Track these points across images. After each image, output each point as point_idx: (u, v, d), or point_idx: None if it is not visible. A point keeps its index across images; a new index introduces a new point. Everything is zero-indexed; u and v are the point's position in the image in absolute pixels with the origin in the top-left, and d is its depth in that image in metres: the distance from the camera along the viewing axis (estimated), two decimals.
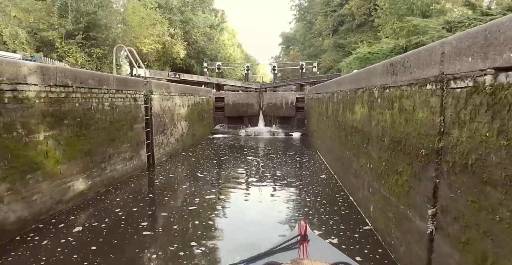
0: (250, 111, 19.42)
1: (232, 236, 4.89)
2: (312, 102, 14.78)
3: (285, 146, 14.25)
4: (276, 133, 17.38)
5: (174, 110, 11.65)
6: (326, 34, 40.27)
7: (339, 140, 7.63)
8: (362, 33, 34.48)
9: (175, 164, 10.18)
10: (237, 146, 14.30)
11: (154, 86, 9.83)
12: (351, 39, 33.39)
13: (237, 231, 5.06)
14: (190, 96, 13.79)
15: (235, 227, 5.26)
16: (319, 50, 43.23)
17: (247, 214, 5.83)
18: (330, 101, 9.21)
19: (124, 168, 7.92)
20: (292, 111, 18.73)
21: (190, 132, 13.63)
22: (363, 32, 34.78)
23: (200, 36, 36.35)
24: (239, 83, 19.33)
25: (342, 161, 7.20)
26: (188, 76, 18.08)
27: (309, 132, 15.66)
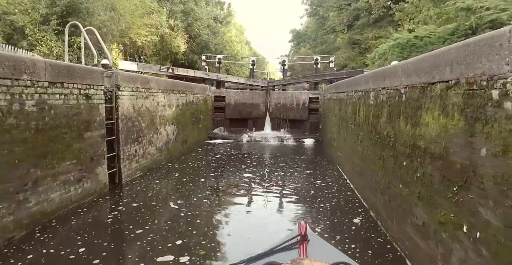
0: (255, 112, 17.00)
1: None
2: (329, 103, 12.30)
3: (296, 157, 11.79)
4: (285, 139, 14.92)
5: (155, 111, 9.28)
6: (340, 29, 37.80)
7: (380, 163, 5.17)
8: (380, 28, 31.94)
9: (152, 182, 7.80)
10: (237, 156, 11.88)
11: (123, 80, 7.46)
12: (368, 34, 30.96)
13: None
14: (181, 94, 11.41)
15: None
16: (332, 47, 40.68)
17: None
18: (361, 103, 6.74)
19: (65, 196, 5.55)
20: (304, 113, 16.26)
21: (179, 138, 11.25)
22: (381, 27, 32.24)
23: (203, 29, 34.04)
24: (242, 79, 16.96)
25: (389, 197, 4.74)
26: (183, 70, 15.77)
27: (325, 139, 13.18)
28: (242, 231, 5.10)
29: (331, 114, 11.72)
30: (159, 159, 9.52)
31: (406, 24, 23.00)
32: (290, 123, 16.79)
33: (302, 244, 2.12)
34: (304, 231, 2.18)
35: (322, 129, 14.28)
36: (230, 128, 16.57)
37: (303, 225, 2.22)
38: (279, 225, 5.27)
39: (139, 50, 26.66)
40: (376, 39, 26.37)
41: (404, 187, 4.17)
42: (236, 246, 4.60)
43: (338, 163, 9.49)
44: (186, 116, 11.99)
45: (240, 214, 5.96)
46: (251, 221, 5.60)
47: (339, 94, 9.90)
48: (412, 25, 20.67)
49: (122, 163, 7.42)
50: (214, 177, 8.79)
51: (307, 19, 53.82)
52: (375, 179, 5.48)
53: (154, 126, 9.18)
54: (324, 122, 13.82)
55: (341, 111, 9.32)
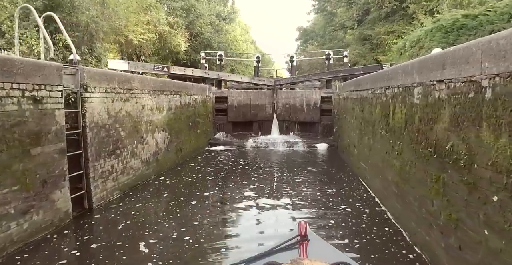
0: (261, 114, 15.50)
1: None
2: (346, 103, 10.75)
3: (310, 166, 10.25)
4: (295, 144, 13.38)
5: (140, 116, 7.82)
6: (349, 25, 36.26)
7: (438, 188, 3.62)
8: (393, 22, 30.43)
9: (135, 205, 6.35)
10: (241, 166, 10.37)
11: (92, 78, 6.01)
12: (379, 29, 29.44)
13: None
14: (173, 96, 9.95)
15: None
16: (342, 44, 39.16)
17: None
18: (398, 103, 5.20)
19: (1, 237, 4.10)
20: (316, 114, 14.71)
21: (172, 146, 9.79)
22: (393, 21, 30.73)
23: (206, 27, 32.67)
24: (246, 78, 15.47)
25: (460, 241, 3.19)
26: (179, 69, 14.34)
27: (341, 144, 11.61)
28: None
29: (348, 115, 10.15)
30: (146, 174, 8.06)
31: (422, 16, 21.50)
32: (300, 126, 15.25)
33: (302, 244, 2.15)
34: (304, 231, 2.20)
35: (337, 132, 12.71)
36: (233, 133, 15.08)
37: (303, 225, 2.25)
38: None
39: (137, 49, 25.36)
40: (388, 34, 25.10)
41: (492, 234, 2.62)
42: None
43: (362, 176, 7.93)
44: (180, 120, 10.53)
45: (246, 249, 4.45)
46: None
47: (360, 92, 8.34)
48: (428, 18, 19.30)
49: (92, 183, 5.96)
50: (212, 196, 7.29)
51: (314, 16, 52.21)
52: (428, 209, 3.93)
53: (139, 134, 7.72)
54: (339, 125, 12.25)
55: (364, 113, 7.76)
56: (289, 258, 1.75)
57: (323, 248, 2.32)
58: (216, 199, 7.09)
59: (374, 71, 13.23)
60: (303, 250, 2.10)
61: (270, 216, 5.93)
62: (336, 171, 9.41)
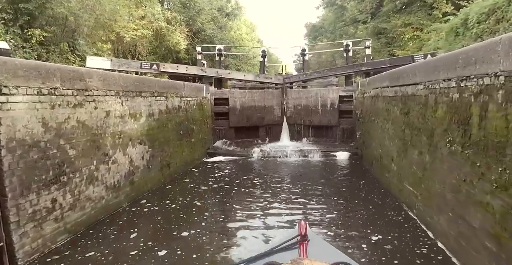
0: (269, 118, 13.50)
1: None
2: (375, 102, 8.69)
3: (329, 182, 8.22)
4: (309, 153, 11.33)
5: (102, 126, 5.87)
6: (362, 19, 34.14)
7: None
8: (410, 14, 28.37)
9: (90, 252, 4.43)
10: (244, 184, 8.36)
11: (12, 73, 4.06)
12: (396, 22, 27.41)
13: None
14: (156, 98, 8.00)
15: None
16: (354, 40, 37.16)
17: None
18: (491, 103, 3.16)
19: None
20: (333, 117, 12.64)
21: (155, 162, 7.84)
22: (411, 12, 28.69)
23: (208, 24, 30.78)
24: (251, 76, 13.46)
25: None
26: (171, 66, 12.40)
27: (368, 154, 9.53)
28: None
29: (379, 118, 8.08)
30: (113, 203, 6.11)
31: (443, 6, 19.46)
32: (315, 131, 13.19)
33: (302, 244, 2.14)
34: (304, 231, 2.20)
35: (361, 138, 10.61)
36: (236, 140, 13.09)
37: (303, 225, 2.24)
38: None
39: (132, 48, 23.57)
40: (405, 27, 23.45)
41: None
42: None
43: (408, 204, 5.85)
44: (167, 128, 8.57)
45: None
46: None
47: (401, 88, 6.28)
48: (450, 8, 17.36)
49: (16, 231, 4.02)
50: (206, 227, 5.31)
51: (324, 11, 50.21)
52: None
53: (101, 152, 5.76)
54: (364, 130, 10.17)
55: (410, 116, 5.70)
56: (289, 258, 1.76)
57: (323, 248, 2.33)
58: (212, 229, 5.15)
59: (404, 63, 11.15)
60: (303, 250, 2.09)
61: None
62: (366, 192, 7.35)
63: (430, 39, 17.42)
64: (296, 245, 2.17)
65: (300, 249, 2.12)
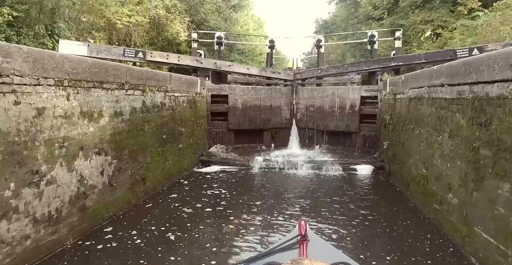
0: (275, 120, 11.65)
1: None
2: (414, 106, 6.79)
3: (351, 210, 6.32)
4: (323, 165, 9.43)
5: (30, 131, 4.03)
6: (378, 14, 32.22)
7: None
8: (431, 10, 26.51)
9: None
10: (241, 205, 6.48)
11: None
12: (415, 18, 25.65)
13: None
14: (127, 91, 6.14)
15: None
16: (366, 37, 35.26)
17: None
18: None
19: None
20: (353, 121, 10.73)
21: (123, 178, 5.99)
22: (432, 8, 26.86)
23: (211, 14, 28.88)
24: (255, 69, 11.56)
25: None
26: (160, 55, 10.53)
27: (401, 171, 7.60)
28: None
29: (423, 127, 6.18)
30: (46, 243, 4.27)
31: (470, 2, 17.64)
32: (330, 137, 11.29)
33: (302, 244, 2.16)
34: (304, 231, 2.22)
35: (390, 150, 8.69)
36: (235, 145, 11.24)
37: (303, 225, 2.26)
38: None
39: (126, 37, 21.74)
40: (425, 24, 21.99)
41: None
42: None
43: (485, 263, 3.93)
44: (143, 132, 6.71)
45: None
46: None
47: (471, 87, 4.36)
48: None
49: None
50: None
51: (335, 7, 48.27)
52: None
53: (25, 169, 3.92)
54: (395, 139, 8.25)
55: (490, 130, 3.80)
56: (289, 258, 1.77)
57: (323, 248, 2.35)
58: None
59: (444, 59, 9.26)
60: (303, 250, 2.10)
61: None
62: (404, 227, 5.46)
63: (455, 38, 15.85)
64: (296, 245, 2.17)
65: (300, 249, 2.12)
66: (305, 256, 2.04)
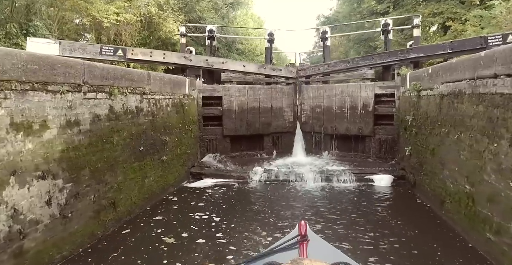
0: (277, 123, 10.42)
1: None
2: (446, 104, 5.52)
3: (372, 237, 5.04)
4: (333, 176, 8.17)
5: None
6: (383, 8, 30.95)
7: None
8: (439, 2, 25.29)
9: None
10: (236, 232, 5.21)
11: None
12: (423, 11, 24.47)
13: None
14: (85, 95, 4.92)
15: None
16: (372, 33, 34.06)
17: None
18: None
19: None
20: (367, 123, 9.46)
21: (83, 206, 4.77)
22: (439, 1, 25.66)
23: (208, 12, 27.66)
24: (252, 66, 10.28)
25: None
26: (143, 53, 9.29)
27: (432, 184, 6.32)
28: None
29: (464, 132, 4.91)
30: None
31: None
32: (340, 142, 10.03)
33: (302, 244, 2.17)
34: (304, 231, 2.22)
35: (414, 157, 7.40)
36: (231, 154, 10.00)
37: (303, 225, 2.26)
38: None
39: (116, 37, 20.55)
40: (434, 16, 20.86)
41: None
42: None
43: None
44: (111, 145, 5.48)
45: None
46: None
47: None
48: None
49: None
50: None
51: (338, 2, 47.07)
52: None
53: None
54: (420, 145, 6.96)
55: None
56: (289, 258, 1.79)
57: (323, 248, 2.35)
58: None
59: (473, 48, 8.02)
60: (303, 250, 2.11)
61: None
62: (445, 258, 4.20)
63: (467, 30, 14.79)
64: (296, 245, 2.18)
65: (300, 249, 2.12)
66: (305, 256, 2.05)
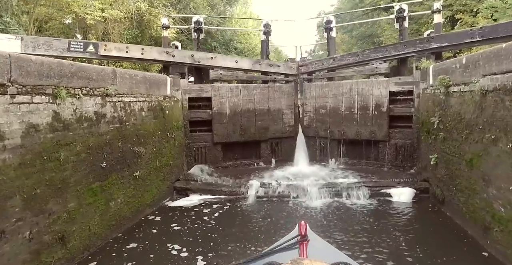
0: (275, 128, 9.22)
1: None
2: (484, 101, 4.28)
3: None
4: (343, 191, 6.93)
5: None
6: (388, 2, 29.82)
7: None
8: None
9: None
10: None
11: None
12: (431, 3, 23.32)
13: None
14: (14, 99, 3.69)
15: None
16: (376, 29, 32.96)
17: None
18: None
19: None
20: (380, 126, 8.22)
21: (7, 250, 3.51)
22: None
23: (203, 9, 26.47)
24: (246, 62, 9.03)
25: None
26: (117, 48, 8.07)
27: (469, 203, 5.10)
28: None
29: None
30: None
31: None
32: (349, 148, 8.79)
33: (302, 244, 2.19)
34: (304, 231, 2.24)
35: (442, 167, 6.17)
36: (223, 163, 8.81)
37: (303, 225, 2.28)
38: None
39: (104, 36, 19.38)
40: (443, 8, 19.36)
41: None
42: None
43: None
44: (56, 163, 4.28)
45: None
46: None
47: None
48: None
49: None
50: None
51: None
52: None
53: None
54: (451, 152, 5.74)
55: None
56: (289, 258, 1.81)
57: (323, 248, 2.37)
58: None
59: (507, 34, 6.81)
60: (303, 250, 2.13)
61: None
62: None
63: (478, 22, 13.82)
64: (296, 245, 2.20)
65: (300, 249, 2.15)
66: (305, 256, 2.05)
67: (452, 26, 19.15)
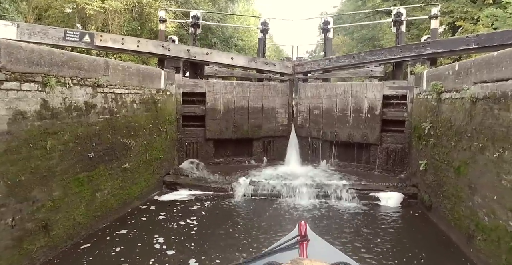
0: (269, 126, 9.25)
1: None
2: (474, 108, 4.31)
3: None
4: (332, 192, 6.97)
5: None
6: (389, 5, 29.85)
7: None
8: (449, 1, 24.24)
9: None
10: None
11: None
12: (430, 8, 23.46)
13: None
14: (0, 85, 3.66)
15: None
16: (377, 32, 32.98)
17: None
18: None
19: None
20: (373, 129, 8.27)
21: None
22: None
23: (204, 5, 26.40)
24: (242, 59, 9.03)
25: None
26: (113, 39, 8.04)
27: (456, 211, 5.16)
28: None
29: (507, 148, 3.71)
30: None
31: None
32: (341, 150, 8.84)
33: (302, 244, 2.19)
34: (304, 231, 2.25)
35: (432, 174, 6.22)
36: (215, 160, 8.84)
37: (303, 225, 2.28)
38: None
39: (104, 27, 19.29)
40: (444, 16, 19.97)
41: None
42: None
43: None
44: (43, 151, 4.30)
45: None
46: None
47: None
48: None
49: None
50: None
51: (341, 1, 46.04)
52: None
53: None
54: (440, 159, 5.79)
55: None
56: (289, 258, 1.80)
57: (323, 248, 2.37)
58: None
59: (502, 43, 6.88)
60: (303, 250, 2.13)
61: None
62: None
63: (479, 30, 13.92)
64: (296, 245, 2.20)
65: (300, 249, 2.15)
66: (305, 256, 2.05)
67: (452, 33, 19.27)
